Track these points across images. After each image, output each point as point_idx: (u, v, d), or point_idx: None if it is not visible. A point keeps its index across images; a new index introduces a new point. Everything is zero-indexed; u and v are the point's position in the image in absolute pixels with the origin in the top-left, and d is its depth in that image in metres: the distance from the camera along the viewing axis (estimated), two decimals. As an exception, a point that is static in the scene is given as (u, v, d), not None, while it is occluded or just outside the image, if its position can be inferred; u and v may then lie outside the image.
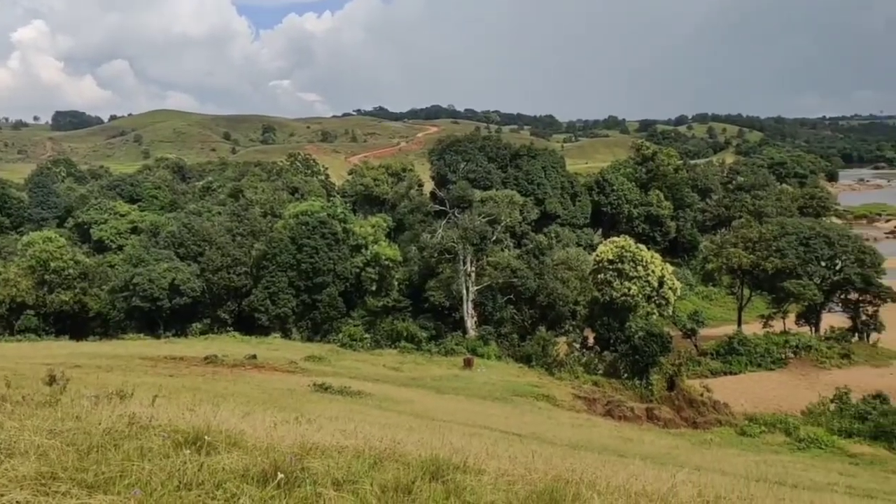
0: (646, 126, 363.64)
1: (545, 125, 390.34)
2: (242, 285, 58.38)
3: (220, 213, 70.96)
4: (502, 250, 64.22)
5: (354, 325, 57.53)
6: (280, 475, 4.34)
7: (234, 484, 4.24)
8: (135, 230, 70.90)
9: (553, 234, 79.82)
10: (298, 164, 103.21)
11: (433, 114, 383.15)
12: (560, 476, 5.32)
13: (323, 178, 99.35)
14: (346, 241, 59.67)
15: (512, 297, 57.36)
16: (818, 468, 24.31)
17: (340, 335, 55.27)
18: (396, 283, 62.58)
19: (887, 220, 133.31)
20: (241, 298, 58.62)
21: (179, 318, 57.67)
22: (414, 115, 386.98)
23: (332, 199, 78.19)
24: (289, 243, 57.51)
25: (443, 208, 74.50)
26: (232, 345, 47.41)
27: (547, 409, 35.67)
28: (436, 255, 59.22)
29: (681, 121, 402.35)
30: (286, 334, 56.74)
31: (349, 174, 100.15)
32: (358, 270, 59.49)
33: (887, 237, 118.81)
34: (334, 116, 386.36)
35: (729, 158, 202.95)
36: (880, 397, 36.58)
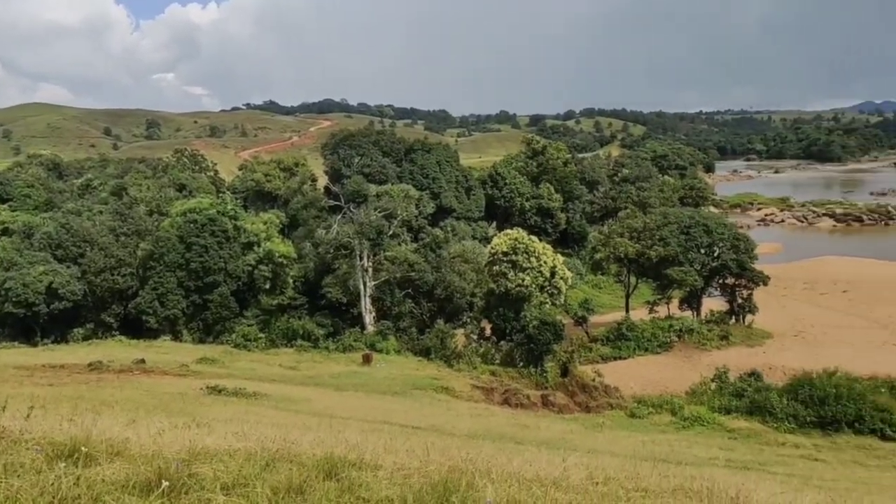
0: (536, 121, 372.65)
1: (439, 120, 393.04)
2: (128, 287, 55.73)
3: (101, 213, 67.29)
4: (399, 245, 64.20)
5: (248, 325, 56.08)
6: (165, 483, 4.15)
7: (114, 496, 4.02)
8: (5, 231, 66.29)
9: (449, 228, 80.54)
10: (186, 160, 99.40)
11: (326, 108, 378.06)
12: (456, 466, 5.36)
13: (212, 174, 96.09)
14: (237, 239, 57.99)
15: (410, 291, 57.49)
16: (701, 444, 25.70)
17: (234, 336, 53.77)
18: (291, 281, 61.40)
19: (758, 209, 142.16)
20: (126, 301, 55.94)
21: (59, 324, 54.40)
22: (306, 108, 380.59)
23: (221, 195, 75.68)
24: (177, 242, 55.34)
25: (338, 203, 73.72)
26: (118, 349, 45.22)
27: (446, 400, 35.98)
28: (331, 250, 58.50)
29: (569, 115, 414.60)
30: (176, 336, 54.66)
31: (239, 170, 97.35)
32: (250, 268, 57.97)
33: (759, 224, 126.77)
34: (223, 111, 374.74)
35: (615, 151, 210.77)
36: (755, 375, 39.06)
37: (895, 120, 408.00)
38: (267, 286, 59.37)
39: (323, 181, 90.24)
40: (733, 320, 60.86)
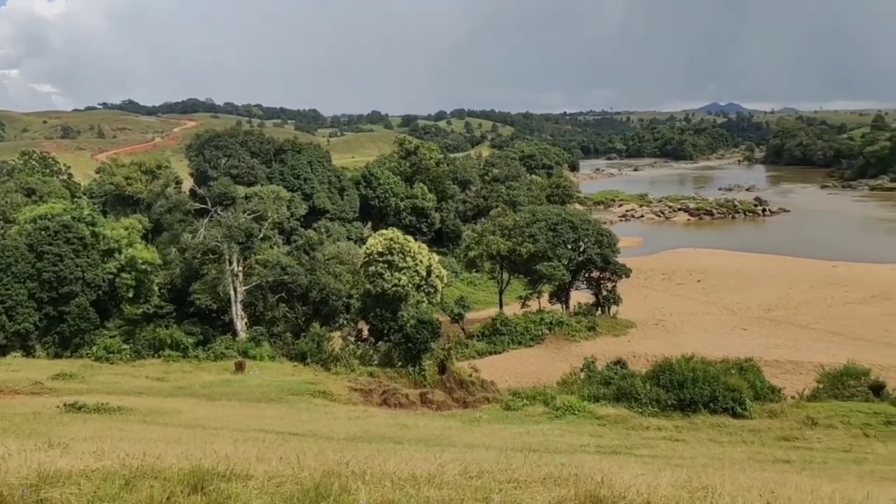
0: (408, 121, 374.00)
1: (310, 120, 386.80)
2: (-31, 302, 51.14)
3: (-65, 221, 61.38)
4: (271, 247, 62.65)
5: (111, 337, 52.90)
6: (9, 511, 3.83)
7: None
8: None
9: (323, 229, 79.49)
10: (34, 162, 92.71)
11: (190, 107, 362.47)
12: (330, 471, 5.29)
13: (65, 177, 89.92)
14: (95, 246, 54.56)
15: (283, 295, 56.16)
16: (573, 432, 26.70)
17: (94, 348, 50.54)
18: (157, 288, 58.50)
19: (620, 205, 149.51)
20: (-32, 317, 51.30)
21: None
22: (169, 109, 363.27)
23: (76, 200, 71.05)
24: (26, 251, 51.37)
25: (204, 206, 70.89)
26: (-41, 370, 41.37)
27: (324, 404, 35.44)
28: (199, 255, 56.14)
29: (440, 116, 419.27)
30: (28, 352, 50.72)
31: (97, 173, 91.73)
32: (111, 277, 54.73)
33: (620, 220, 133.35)
34: (76, 110, 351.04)
35: (485, 152, 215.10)
36: (620, 363, 41.07)
37: (738, 121, 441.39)
38: (130, 295, 56.29)
39: (188, 183, 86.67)
40: (599, 312, 63.71)
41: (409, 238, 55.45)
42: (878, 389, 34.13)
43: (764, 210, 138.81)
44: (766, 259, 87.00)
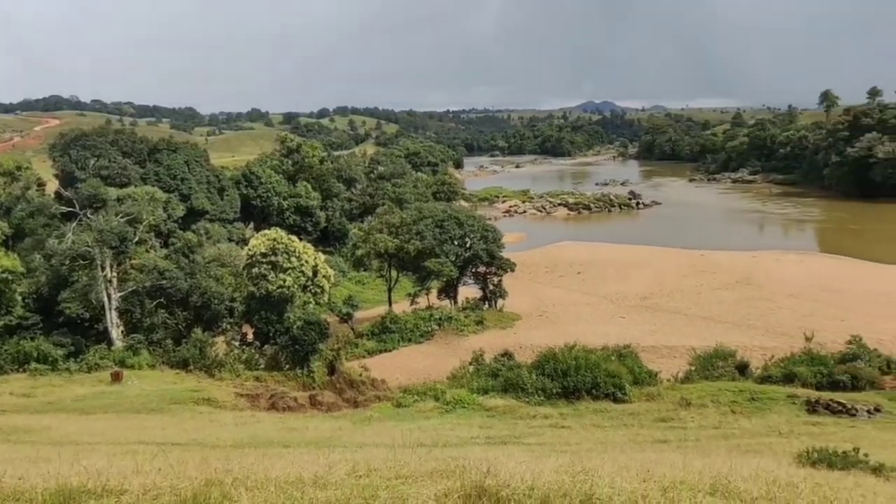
0: (290, 119, 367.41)
1: (186, 118, 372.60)
2: None
3: None
4: (147, 251, 59.84)
5: (-32, 352, 48.87)
6: None
7: None
8: None
9: (203, 231, 76.71)
10: None
11: (53, 105, 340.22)
12: (212, 479, 5.10)
13: None
14: (-53, 255, 50.27)
15: (162, 300, 53.72)
16: (463, 425, 27.07)
17: (-51, 366, 46.60)
18: (20, 298, 54.47)
19: (503, 202, 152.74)
20: None
21: None
22: (29, 106, 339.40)
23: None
24: None
25: (72, 209, 66.70)
26: None
27: (208, 412, 34.25)
28: (67, 262, 52.74)
29: (323, 114, 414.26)
30: None
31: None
32: (-33, 288, 50.59)
33: (504, 216, 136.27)
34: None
35: (370, 149, 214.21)
36: (507, 355, 42.00)
37: (612, 118, 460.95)
38: (-11, 306, 52.19)
39: (53, 186, 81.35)
40: (487, 306, 64.88)
41: (294, 238, 54.41)
42: (742, 369, 36.62)
43: (638, 203, 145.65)
44: (641, 250, 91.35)
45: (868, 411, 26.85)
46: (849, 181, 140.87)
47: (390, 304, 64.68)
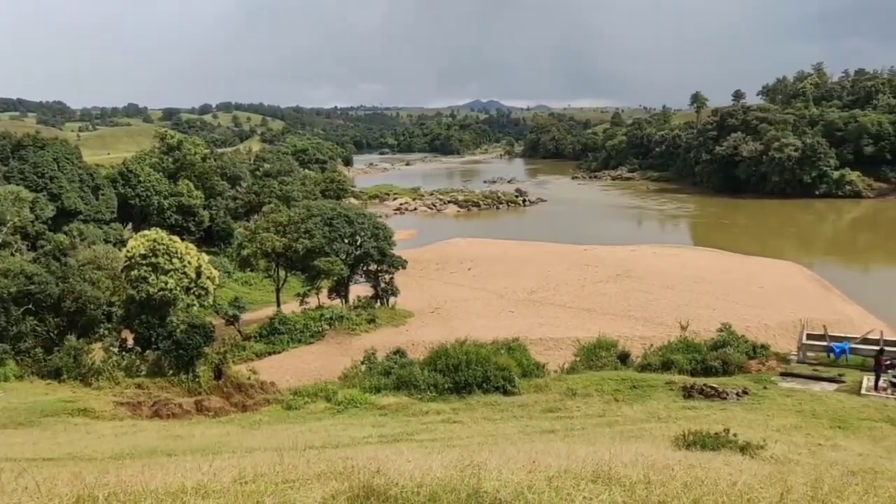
0: (170, 115, 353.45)
1: (55, 112, 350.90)
2: None
3: None
4: (13, 255, 55.92)
5: None
6: None
7: None
8: None
9: (76, 233, 72.39)
10: None
11: None
12: (84, 495, 4.82)
13: None
14: None
15: (31, 306, 50.32)
16: (356, 425, 26.88)
17: None
18: None
19: (394, 199, 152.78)
20: None
21: None
22: None
23: None
24: None
25: (-75, 211, 61.43)
26: None
27: (84, 423, 32.39)
28: (-80, 268, 48.60)
29: (205, 110, 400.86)
30: None
31: None
32: None
33: (395, 213, 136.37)
34: None
35: (255, 146, 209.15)
36: (399, 352, 42.03)
37: (499, 117, 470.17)
38: None
39: None
40: (379, 304, 64.71)
41: (176, 238, 52.25)
42: (624, 358, 38.27)
43: (524, 200, 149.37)
44: (529, 245, 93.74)
45: (737, 394, 28.68)
46: (717, 178, 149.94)
47: (279, 305, 63.36)
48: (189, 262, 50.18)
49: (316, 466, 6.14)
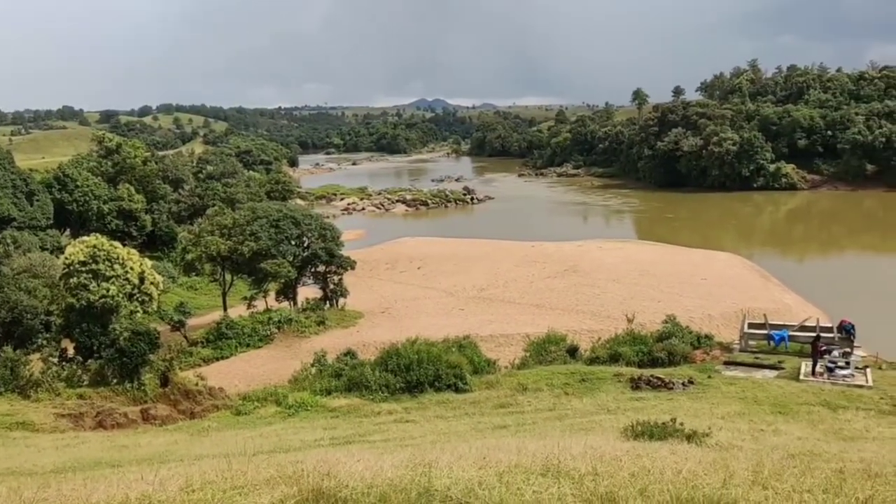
0: (108, 117, 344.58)
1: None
2: None
3: None
4: (-58, 265, 53.66)
5: None
6: None
7: None
8: None
9: (10, 240, 69.88)
10: None
11: None
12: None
13: None
14: None
15: (-38, 318, 48.48)
16: (307, 428, 26.63)
17: None
18: None
19: (341, 199, 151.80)
20: None
21: None
22: None
23: None
24: None
25: None
26: None
27: (24, 437, 31.33)
28: None
29: (145, 111, 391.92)
30: None
31: None
32: None
33: (343, 214, 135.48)
34: None
35: (198, 148, 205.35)
36: (350, 354, 41.79)
37: (445, 116, 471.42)
38: None
39: None
40: (328, 305, 64.18)
41: (117, 244, 50.90)
42: (573, 352, 38.78)
43: (472, 198, 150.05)
44: (477, 243, 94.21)
45: (683, 384, 29.36)
46: (660, 173, 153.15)
47: (225, 309, 62.31)
48: (131, 268, 48.95)
49: (265, 471, 6.06)
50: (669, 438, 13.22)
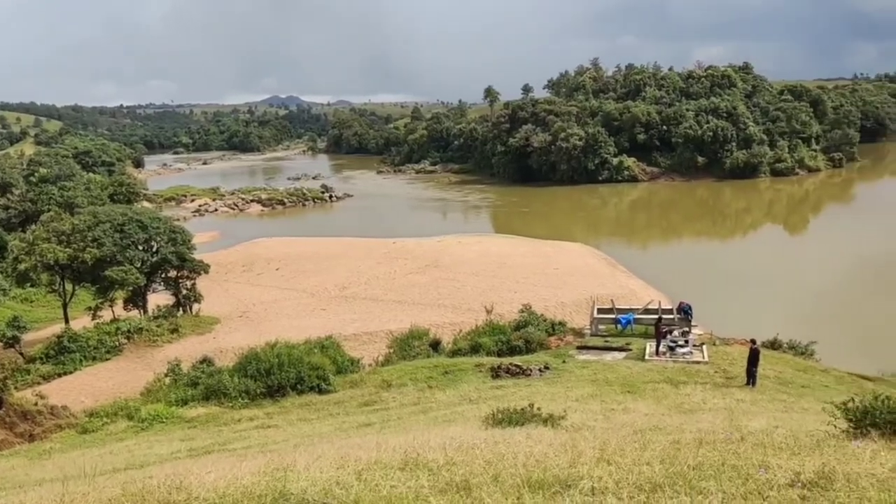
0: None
1: None
2: None
3: None
4: None
5: None
6: None
7: None
8: None
9: None
10: None
11: None
12: None
13: None
14: None
15: None
16: (162, 441, 25.37)
17: None
18: None
19: (192, 200, 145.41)
20: None
21: None
22: None
23: None
24: None
25: None
26: None
27: None
28: None
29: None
30: None
31: None
32: None
33: (194, 215, 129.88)
34: None
35: (29, 149, 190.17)
36: (206, 361, 40.24)
37: (299, 113, 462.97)
38: None
39: None
40: (181, 312, 61.41)
41: (-65, 256, 46.21)
42: (435, 345, 39.40)
43: (331, 196, 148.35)
44: (337, 242, 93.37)
45: (539, 370, 30.55)
46: (513, 168, 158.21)
47: (67, 321, 58.08)
48: (-47, 282, 44.56)
49: (109, 491, 5.73)
50: (528, 423, 13.73)
